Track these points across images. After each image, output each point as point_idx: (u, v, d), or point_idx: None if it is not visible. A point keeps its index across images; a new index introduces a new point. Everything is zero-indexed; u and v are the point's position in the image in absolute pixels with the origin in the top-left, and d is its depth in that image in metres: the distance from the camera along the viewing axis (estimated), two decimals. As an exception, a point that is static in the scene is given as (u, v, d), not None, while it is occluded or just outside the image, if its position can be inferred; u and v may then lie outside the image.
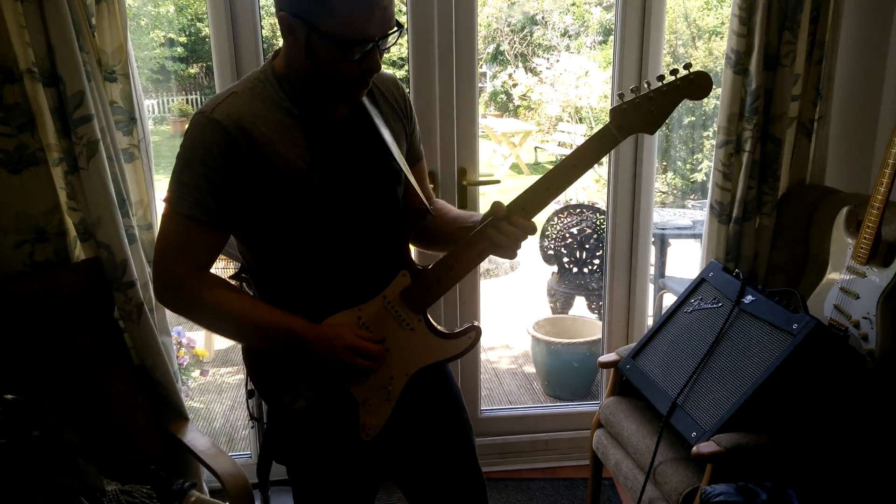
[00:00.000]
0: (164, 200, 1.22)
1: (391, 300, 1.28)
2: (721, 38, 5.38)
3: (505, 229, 1.24)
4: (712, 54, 5.39)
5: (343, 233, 1.28)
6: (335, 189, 1.25)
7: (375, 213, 1.31)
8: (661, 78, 1.21)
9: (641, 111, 1.21)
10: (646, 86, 1.21)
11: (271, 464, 2.28)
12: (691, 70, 1.20)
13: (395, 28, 1.17)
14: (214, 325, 1.29)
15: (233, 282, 1.73)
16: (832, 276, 2.05)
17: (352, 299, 1.28)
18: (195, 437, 1.96)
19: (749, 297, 1.91)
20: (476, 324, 1.35)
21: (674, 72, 1.21)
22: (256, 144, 1.19)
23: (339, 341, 1.22)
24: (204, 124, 1.19)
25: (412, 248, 1.38)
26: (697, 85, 1.21)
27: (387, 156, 1.32)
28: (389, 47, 1.21)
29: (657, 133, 2.55)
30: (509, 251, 1.27)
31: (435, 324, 1.32)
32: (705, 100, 5.26)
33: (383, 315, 1.29)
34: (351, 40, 1.13)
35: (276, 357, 1.28)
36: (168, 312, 2.16)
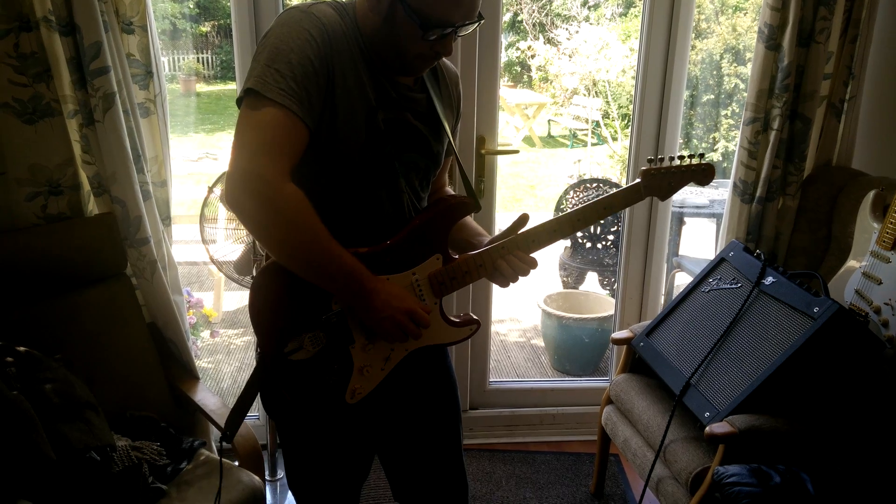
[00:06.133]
0: (248, 88, 1.10)
1: (419, 279, 1.29)
2: (745, 13, 5.26)
3: (511, 261, 1.30)
4: (735, 31, 5.28)
5: (387, 184, 1.27)
6: (389, 141, 1.24)
7: (411, 186, 1.31)
8: (682, 157, 1.41)
9: (664, 181, 1.40)
10: (668, 160, 1.40)
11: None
12: (703, 161, 1.41)
13: (478, 19, 1.19)
14: (289, 242, 1.13)
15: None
16: (855, 260, 2.02)
17: (382, 267, 1.27)
18: (205, 397, 1.96)
19: (770, 279, 1.88)
20: (476, 318, 1.37)
21: (691, 156, 1.41)
22: (343, 57, 1.16)
23: (401, 302, 1.21)
24: (301, 17, 1.14)
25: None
26: (706, 175, 1.42)
27: (436, 136, 1.32)
28: (465, 35, 1.22)
29: (681, 108, 2.52)
30: (504, 280, 1.32)
31: (444, 310, 1.34)
32: (726, 78, 5.12)
33: (407, 290, 1.28)
34: (434, 20, 1.14)
35: (289, 305, 1.25)
36: (179, 272, 2.15)
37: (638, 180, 1.38)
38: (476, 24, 1.19)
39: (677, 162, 1.41)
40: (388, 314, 1.21)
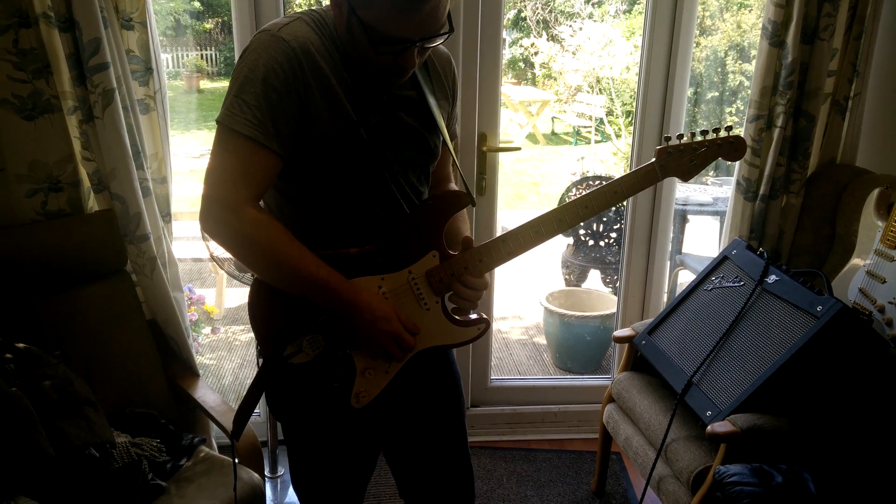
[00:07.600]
0: (217, 121, 1.14)
1: (416, 277, 1.27)
2: (749, 10, 5.24)
3: (459, 290, 1.28)
4: (740, 28, 5.26)
5: (377, 194, 1.25)
6: (378, 147, 1.22)
7: (409, 184, 1.29)
8: (705, 133, 1.32)
9: (684, 159, 1.31)
10: (689, 137, 1.32)
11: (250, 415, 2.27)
12: (731, 133, 1.32)
13: (443, 32, 1.13)
14: (259, 262, 1.19)
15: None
16: (859, 258, 2.00)
17: (376, 267, 1.25)
18: (205, 394, 1.95)
19: (773, 277, 1.87)
20: (485, 316, 1.35)
21: (715, 130, 1.31)
22: (319, 74, 1.15)
23: (385, 324, 1.20)
24: (269, 42, 1.13)
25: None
26: (735, 148, 1.33)
27: (432, 130, 1.30)
28: (434, 46, 1.17)
29: (684, 105, 2.50)
30: (463, 303, 1.30)
31: (449, 309, 1.31)
32: (730, 75, 5.09)
33: (405, 290, 1.27)
34: (383, 36, 1.10)
35: (285, 308, 1.25)
36: (180, 268, 2.15)
37: (652, 160, 1.30)
38: (442, 39, 1.14)
39: (699, 137, 1.31)
40: (371, 335, 1.21)
